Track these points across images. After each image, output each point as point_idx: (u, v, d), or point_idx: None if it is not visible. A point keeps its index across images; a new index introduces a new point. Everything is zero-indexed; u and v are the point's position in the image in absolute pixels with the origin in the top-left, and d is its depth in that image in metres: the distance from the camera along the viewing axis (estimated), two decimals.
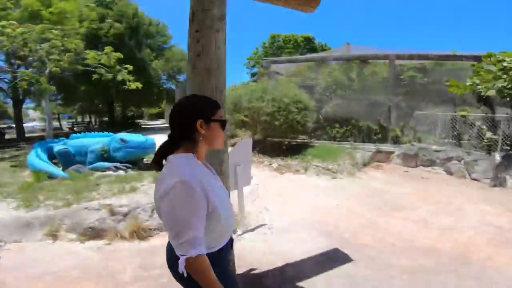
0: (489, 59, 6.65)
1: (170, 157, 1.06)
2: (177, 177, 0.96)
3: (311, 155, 7.53)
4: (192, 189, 0.96)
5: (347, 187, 5.85)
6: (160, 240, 3.37)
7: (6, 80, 14.16)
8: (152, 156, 1.23)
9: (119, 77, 10.51)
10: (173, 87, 21.55)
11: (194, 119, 1.06)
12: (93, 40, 14.52)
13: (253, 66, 37.72)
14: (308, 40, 31.78)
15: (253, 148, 8.41)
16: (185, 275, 0.97)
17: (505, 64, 6.11)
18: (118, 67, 10.26)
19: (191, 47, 1.62)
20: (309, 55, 12.45)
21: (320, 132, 9.12)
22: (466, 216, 4.13)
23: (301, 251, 3.13)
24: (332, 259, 2.97)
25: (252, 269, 2.78)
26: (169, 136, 1.10)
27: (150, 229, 3.57)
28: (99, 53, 9.70)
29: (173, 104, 1.15)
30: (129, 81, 10.62)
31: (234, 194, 3.48)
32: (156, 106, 29.54)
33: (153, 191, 1.11)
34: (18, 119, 15.58)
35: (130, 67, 11.04)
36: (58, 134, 14.72)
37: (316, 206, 4.66)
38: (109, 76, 9.96)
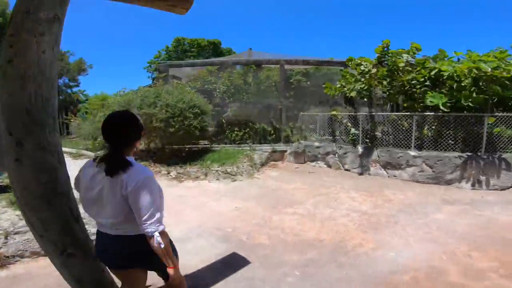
0: (350, 63, 8.03)
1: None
2: (144, 174, 1.36)
3: (211, 160, 7.48)
4: (156, 182, 1.43)
5: (245, 188, 6.06)
6: (24, 267, 2.81)
7: None
8: None
9: None
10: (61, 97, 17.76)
11: (140, 132, 1.52)
12: None
13: (155, 70, 34.95)
14: (214, 45, 31.40)
15: (150, 158, 7.77)
16: (163, 245, 1.36)
17: (362, 68, 7.48)
18: None
19: (2, 53, 1.29)
20: (208, 59, 12.44)
21: (221, 136, 9.20)
22: (340, 205, 4.86)
23: (199, 260, 3.01)
24: (230, 264, 2.97)
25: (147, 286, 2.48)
26: (115, 145, 1.39)
27: (7, 257, 2.87)
28: None
29: (110, 117, 1.42)
30: None
31: None
32: None
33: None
34: None
35: None
36: None
37: (215, 211, 4.62)
38: None
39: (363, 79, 7.48)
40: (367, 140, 7.42)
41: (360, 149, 7.34)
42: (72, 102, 18.34)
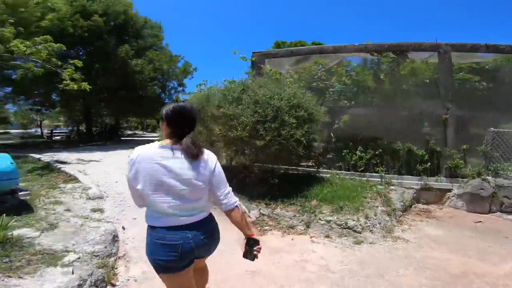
0: None
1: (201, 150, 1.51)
2: (214, 156, 1.54)
3: (318, 198, 4.57)
4: None
5: (385, 266, 2.92)
6: None
7: None
8: None
9: (65, 74, 7.86)
10: (166, 100, 19.01)
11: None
12: (61, 35, 12.11)
13: (243, 58, 35.19)
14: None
15: (230, 181, 5.51)
16: (242, 213, 1.59)
17: None
18: (55, 60, 7.62)
19: None
20: (315, 46, 9.51)
21: (332, 156, 6.16)
22: None
23: None
24: None
25: None
26: (188, 131, 1.49)
27: None
28: (28, 42, 7.08)
29: (187, 108, 1.52)
30: (74, 80, 7.94)
31: None
32: (150, 116, 26.77)
33: None
34: None
35: (79, 63, 8.42)
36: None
37: None
38: (39, 71, 7.30)
39: None
40: None
41: None
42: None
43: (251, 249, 1.53)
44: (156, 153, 1.40)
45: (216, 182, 1.48)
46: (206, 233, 1.49)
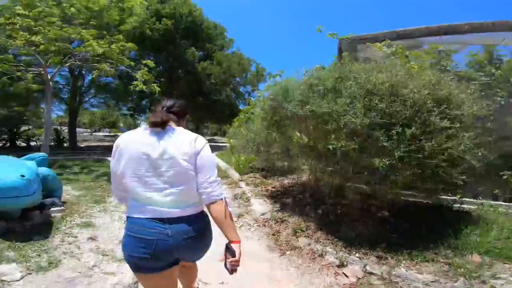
0: None
1: (181, 129, 1.36)
2: (204, 139, 1.32)
3: (479, 248, 2.44)
4: None
5: None
6: None
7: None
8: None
9: (138, 75, 7.53)
10: (241, 105, 18.49)
11: (187, 112, 1.53)
12: (140, 40, 12.58)
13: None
14: None
15: (314, 210, 3.79)
16: (229, 210, 1.26)
17: None
18: (125, 59, 7.28)
19: None
20: (441, 25, 6.72)
21: (493, 181, 3.84)
22: None
23: None
24: None
25: None
26: (173, 114, 1.40)
27: None
28: (101, 42, 6.89)
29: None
30: (145, 82, 7.50)
31: None
32: (226, 122, 26.99)
33: None
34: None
35: (150, 63, 8.03)
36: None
37: None
38: (110, 71, 7.03)
39: None
40: None
41: None
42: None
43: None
44: (139, 136, 1.28)
45: (201, 165, 1.25)
46: (192, 233, 1.24)
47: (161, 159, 1.21)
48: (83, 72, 12.61)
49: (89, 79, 13.35)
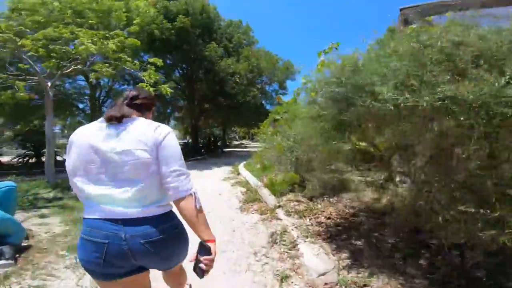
0: None
1: (142, 118, 1.19)
2: (168, 128, 1.17)
3: None
4: None
5: None
6: None
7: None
8: None
9: (145, 75, 6.38)
10: (268, 106, 16.98)
11: (154, 104, 1.39)
12: (150, 41, 11.58)
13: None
14: None
15: (415, 262, 2.13)
16: (199, 206, 1.11)
17: None
18: (126, 58, 6.12)
19: None
20: None
21: None
22: None
23: None
24: None
25: None
26: (137, 106, 1.26)
27: None
28: (95, 39, 5.78)
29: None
30: (155, 83, 6.30)
31: None
32: (253, 125, 25.62)
33: None
34: None
35: (158, 61, 6.81)
36: None
37: None
38: (108, 71, 5.88)
39: None
40: None
41: None
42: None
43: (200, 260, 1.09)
44: (92, 129, 1.15)
45: (164, 156, 1.09)
46: (152, 237, 1.07)
47: (115, 153, 1.07)
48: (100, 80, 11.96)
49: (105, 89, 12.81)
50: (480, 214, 1.62)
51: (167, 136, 1.11)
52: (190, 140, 21.89)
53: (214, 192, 5.80)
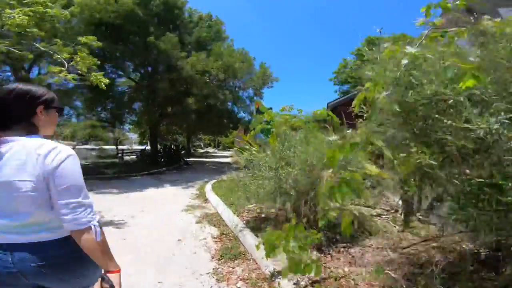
0: None
1: (25, 139, 1.02)
2: (67, 151, 1.03)
3: None
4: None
5: None
6: None
7: None
8: None
9: (77, 59, 4.33)
10: (242, 114, 15.18)
11: (36, 105, 1.08)
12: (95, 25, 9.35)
13: (343, 82, 29.92)
14: None
15: None
16: (99, 239, 1.03)
17: None
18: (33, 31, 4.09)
19: None
20: None
21: None
22: None
23: None
24: None
25: None
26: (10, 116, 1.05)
27: None
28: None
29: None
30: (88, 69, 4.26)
31: None
32: (222, 133, 23.71)
33: None
34: None
35: (93, 39, 4.80)
36: None
37: None
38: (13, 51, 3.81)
39: None
40: None
41: None
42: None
43: None
44: None
45: (56, 185, 1.00)
46: (43, 261, 1.02)
47: None
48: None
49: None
50: None
51: (62, 164, 1.00)
52: (148, 147, 19.22)
53: (170, 236, 3.87)
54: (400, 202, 4.49)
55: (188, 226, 4.31)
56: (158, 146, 18.87)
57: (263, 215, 4.51)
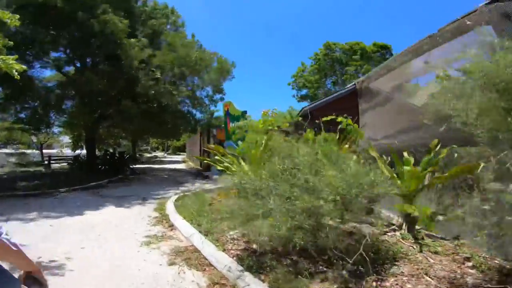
0: None
1: None
2: None
3: None
4: None
5: None
6: None
7: None
8: None
9: None
10: (196, 113, 13.70)
11: None
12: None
13: (302, 87, 30.32)
14: (385, 49, 24.77)
15: None
16: (13, 245, 1.01)
17: None
18: None
19: None
20: None
21: None
22: None
23: None
24: None
25: None
26: None
27: None
28: None
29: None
30: None
31: None
32: (175, 137, 21.82)
33: None
34: None
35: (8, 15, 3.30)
36: None
37: None
38: None
39: None
40: None
41: None
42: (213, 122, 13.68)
43: None
44: None
45: None
46: None
47: None
48: None
49: None
50: None
51: None
52: (82, 152, 16.40)
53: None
54: (401, 219, 4.11)
55: (158, 273, 2.98)
56: (97, 151, 16.30)
57: (254, 246, 3.54)
